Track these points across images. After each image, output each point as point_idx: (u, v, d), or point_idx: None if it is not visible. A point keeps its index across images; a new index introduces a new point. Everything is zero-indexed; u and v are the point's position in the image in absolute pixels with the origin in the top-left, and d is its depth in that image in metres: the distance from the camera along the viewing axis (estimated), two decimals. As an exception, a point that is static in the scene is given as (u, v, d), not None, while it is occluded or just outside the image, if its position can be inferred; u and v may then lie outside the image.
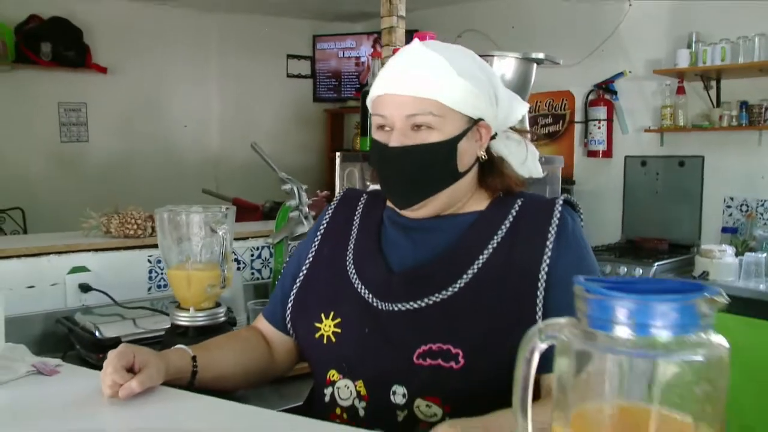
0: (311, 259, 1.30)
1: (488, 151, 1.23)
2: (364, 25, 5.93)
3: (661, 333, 0.50)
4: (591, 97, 4.64)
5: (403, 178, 1.19)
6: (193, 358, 1.20)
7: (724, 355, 0.51)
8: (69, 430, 1.00)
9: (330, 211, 1.36)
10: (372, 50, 5.66)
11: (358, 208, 1.33)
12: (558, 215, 1.16)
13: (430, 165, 1.17)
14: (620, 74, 4.49)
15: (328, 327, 1.19)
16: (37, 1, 4.81)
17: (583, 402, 0.56)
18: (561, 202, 1.19)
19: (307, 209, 2.13)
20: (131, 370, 1.10)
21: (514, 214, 1.20)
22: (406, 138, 1.16)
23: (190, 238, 1.44)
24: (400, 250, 1.22)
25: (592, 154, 4.61)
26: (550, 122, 4.84)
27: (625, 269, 3.68)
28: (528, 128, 2.28)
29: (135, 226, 2.11)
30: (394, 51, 2.51)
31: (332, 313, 1.19)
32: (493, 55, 2.23)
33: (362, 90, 2.53)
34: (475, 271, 1.14)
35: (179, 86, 5.52)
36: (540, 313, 1.08)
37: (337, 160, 2.41)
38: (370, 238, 1.26)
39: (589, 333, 0.54)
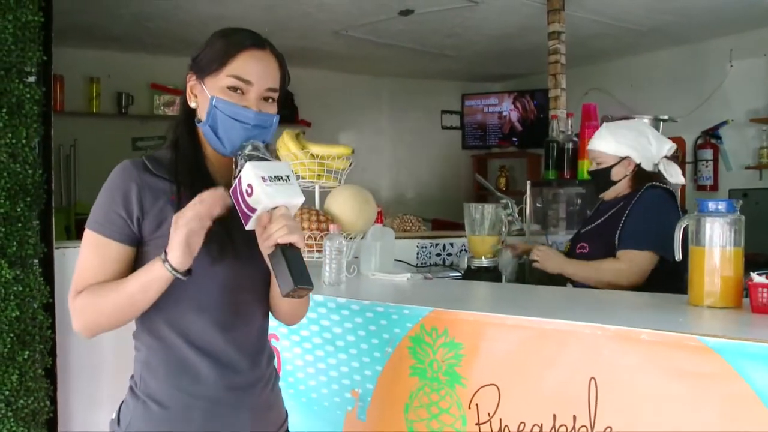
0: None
1: (641, 168, 2.49)
2: (505, 84, 7.23)
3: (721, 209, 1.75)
4: (699, 141, 5.67)
5: (594, 182, 2.54)
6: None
7: (742, 219, 1.75)
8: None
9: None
10: (512, 106, 6.91)
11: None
12: (639, 193, 2.45)
13: (600, 177, 2.51)
14: (724, 122, 5.51)
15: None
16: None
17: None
18: (645, 186, 2.47)
19: (516, 214, 3.40)
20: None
21: (637, 196, 2.46)
22: (593, 167, 2.51)
23: (484, 220, 2.74)
24: (600, 213, 2.54)
25: (700, 188, 5.65)
26: (665, 162, 5.95)
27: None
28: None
29: (410, 225, 3.45)
30: (568, 115, 3.81)
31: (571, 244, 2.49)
32: (634, 117, 3.48)
33: (546, 140, 3.82)
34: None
35: (361, 135, 6.97)
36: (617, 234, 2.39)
37: (528, 186, 3.70)
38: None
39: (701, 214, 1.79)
